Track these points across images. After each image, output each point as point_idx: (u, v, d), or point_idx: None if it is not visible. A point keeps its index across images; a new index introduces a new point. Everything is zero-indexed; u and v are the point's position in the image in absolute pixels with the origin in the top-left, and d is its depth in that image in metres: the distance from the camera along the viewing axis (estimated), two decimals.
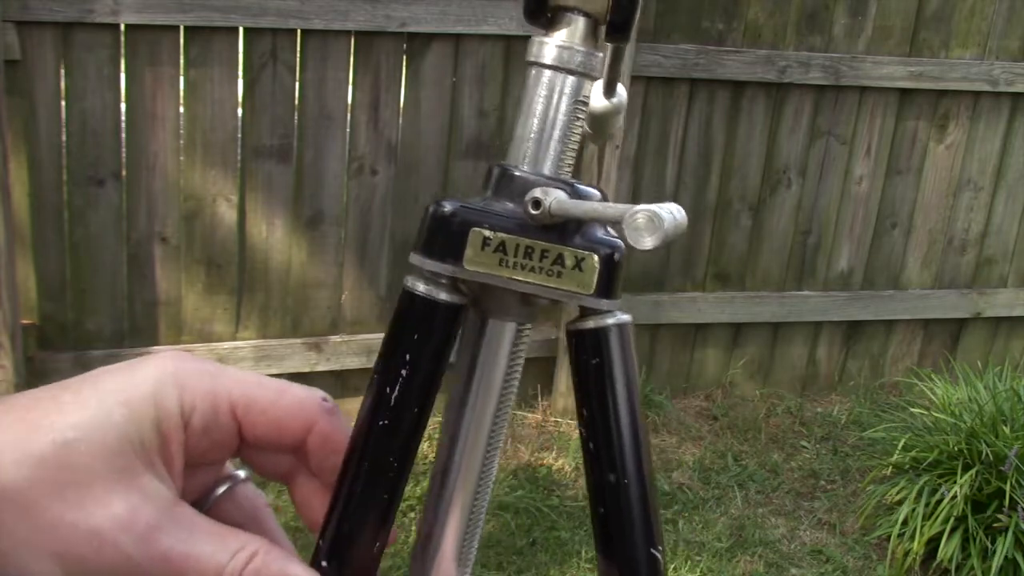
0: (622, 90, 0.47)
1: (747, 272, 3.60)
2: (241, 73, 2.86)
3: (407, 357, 0.41)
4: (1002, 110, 3.66)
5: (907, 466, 2.90)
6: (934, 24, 3.49)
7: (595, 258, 0.42)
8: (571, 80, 0.43)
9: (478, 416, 0.44)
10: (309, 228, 3.04)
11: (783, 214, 3.57)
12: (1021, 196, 3.79)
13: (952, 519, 2.66)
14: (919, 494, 2.75)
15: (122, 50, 2.72)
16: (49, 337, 2.86)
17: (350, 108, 3.01)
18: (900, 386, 3.74)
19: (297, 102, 2.93)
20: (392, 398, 0.41)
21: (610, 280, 0.42)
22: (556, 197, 0.41)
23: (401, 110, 3.06)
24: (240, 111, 2.90)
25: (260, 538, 0.40)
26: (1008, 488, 2.61)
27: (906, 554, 2.72)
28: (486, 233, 0.41)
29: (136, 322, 2.95)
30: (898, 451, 2.91)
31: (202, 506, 0.42)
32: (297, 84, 2.91)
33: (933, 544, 2.70)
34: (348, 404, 2.86)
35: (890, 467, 3.01)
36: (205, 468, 0.42)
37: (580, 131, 0.44)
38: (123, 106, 2.78)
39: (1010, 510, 2.61)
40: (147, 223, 2.88)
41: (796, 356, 3.77)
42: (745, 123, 3.43)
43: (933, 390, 3.12)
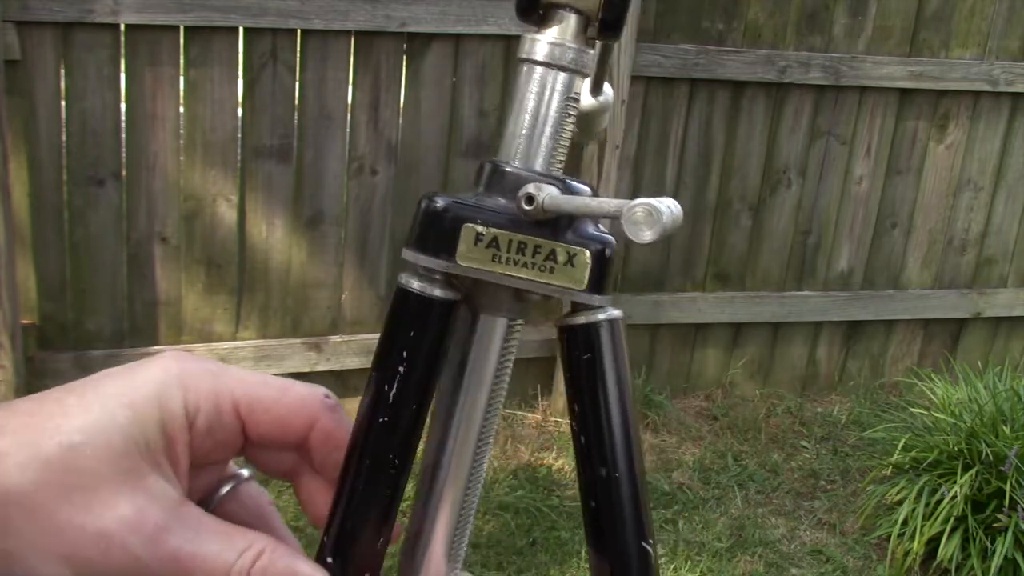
0: (608, 89, 0.48)
1: (747, 272, 3.60)
2: (241, 73, 2.86)
3: (404, 354, 0.41)
4: (1002, 110, 3.66)
5: (907, 466, 2.90)
6: (934, 24, 3.50)
7: (587, 254, 0.42)
8: (562, 77, 0.43)
9: (468, 412, 0.44)
10: (309, 228, 3.04)
11: (783, 214, 3.57)
12: (1021, 196, 3.80)
13: (952, 519, 2.66)
14: (919, 494, 2.75)
15: (122, 50, 2.72)
16: (49, 337, 2.86)
17: (350, 108, 3.01)
18: (900, 386, 3.74)
19: (297, 102, 2.93)
20: (391, 395, 0.41)
21: (601, 276, 0.42)
22: (549, 193, 0.41)
23: (401, 110, 3.06)
24: (240, 111, 2.90)
25: (266, 536, 0.40)
26: (1008, 488, 2.61)
27: (906, 554, 2.72)
28: (479, 229, 0.41)
29: (136, 322, 2.95)
30: (898, 451, 2.91)
31: (207, 505, 0.42)
32: (297, 84, 2.92)
33: (933, 544, 2.70)
34: (349, 404, 2.85)
35: (890, 467, 3.01)
36: (209, 468, 0.42)
37: (572, 127, 0.44)
38: (123, 106, 2.78)
39: (1010, 510, 2.61)
40: (147, 223, 2.88)
41: (796, 356, 3.77)
42: (745, 123, 3.43)
43: (933, 390, 3.12)
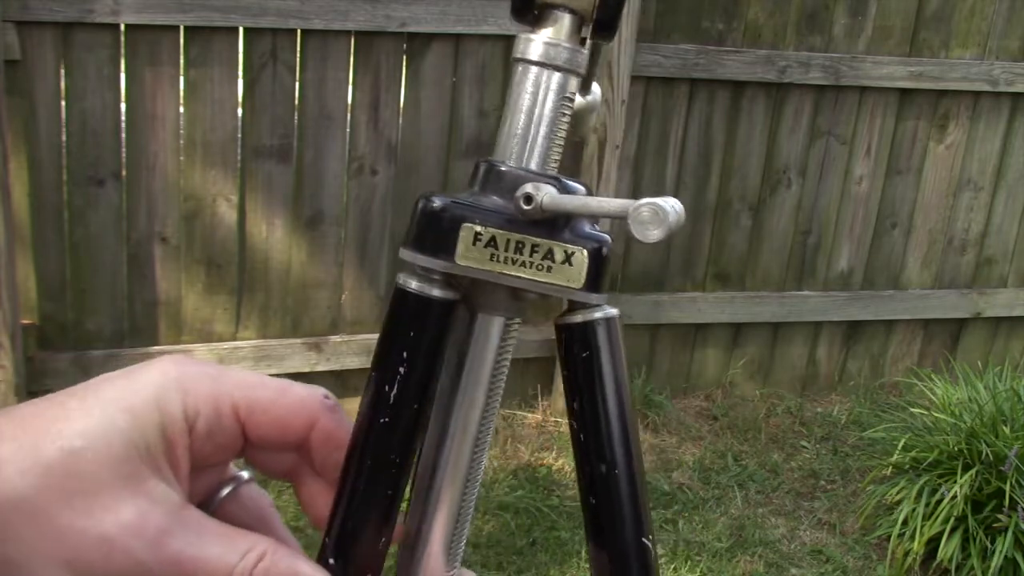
0: (597, 88, 0.48)
1: (747, 272, 3.60)
2: (241, 73, 2.86)
3: (404, 354, 0.41)
4: (1002, 110, 3.66)
5: (907, 466, 2.91)
6: (934, 24, 3.50)
7: (584, 252, 0.42)
8: (557, 77, 0.44)
9: (466, 411, 0.45)
10: (309, 228, 3.04)
11: (783, 214, 3.57)
12: (1021, 196, 3.80)
13: (952, 519, 2.66)
14: (919, 494, 2.75)
15: (122, 50, 2.72)
16: (49, 337, 2.86)
17: (350, 108, 3.01)
18: (900, 386, 3.75)
19: (297, 102, 2.93)
20: (391, 396, 0.41)
21: (598, 274, 0.42)
22: (548, 192, 0.41)
23: (401, 110, 3.06)
24: (240, 111, 2.90)
25: (268, 538, 0.40)
26: (1008, 488, 2.62)
27: (906, 554, 2.72)
28: (477, 228, 0.41)
29: (136, 322, 2.95)
30: (898, 451, 2.91)
31: (208, 508, 0.42)
32: (297, 84, 2.92)
33: (933, 544, 2.70)
34: (349, 404, 2.85)
35: (890, 467, 3.01)
36: (210, 470, 0.42)
37: (566, 127, 0.45)
38: (123, 106, 2.78)
39: (1010, 510, 2.61)
40: (147, 223, 2.88)
41: (796, 356, 3.77)
42: (745, 123, 3.43)
43: (933, 390, 3.12)
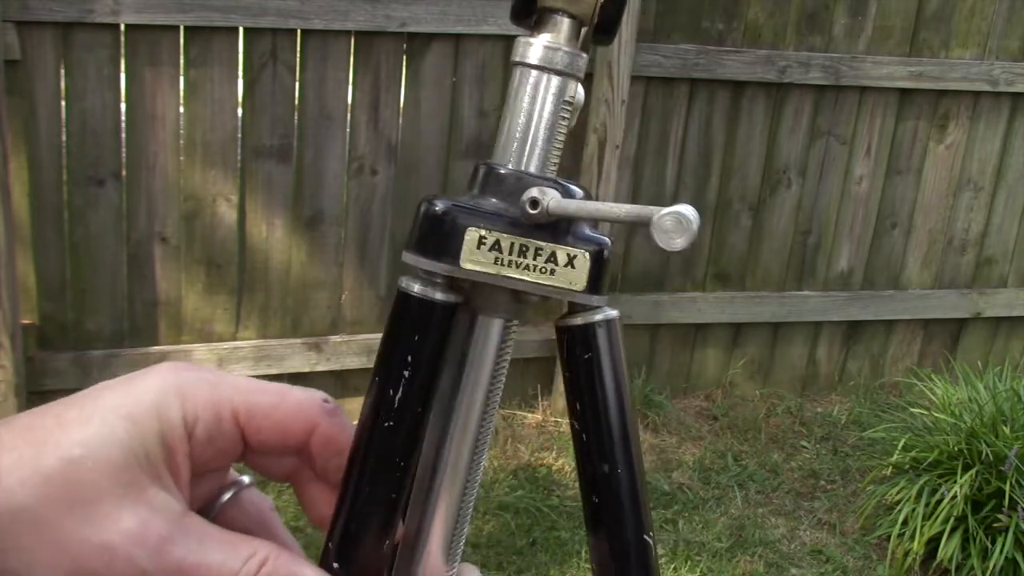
0: (580, 89, 0.48)
1: (747, 272, 3.60)
2: (241, 73, 2.86)
3: (408, 358, 0.42)
4: (1002, 110, 3.66)
5: (907, 466, 2.91)
6: (934, 24, 3.49)
7: (586, 255, 0.42)
8: (556, 80, 0.44)
9: (466, 412, 0.45)
10: (309, 228, 3.04)
11: (783, 214, 3.57)
12: (1021, 196, 3.80)
13: (952, 519, 2.66)
14: (919, 494, 2.76)
15: (122, 50, 2.72)
16: (49, 337, 2.86)
17: (350, 108, 3.01)
18: (900, 386, 3.75)
19: (297, 102, 2.93)
20: (395, 399, 0.41)
21: (599, 277, 0.43)
22: (553, 197, 0.41)
23: (401, 110, 3.06)
24: (240, 111, 2.90)
25: (269, 543, 0.40)
26: (1008, 488, 2.62)
27: (906, 554, 2.72)
28: (481, 232, 0.42)
29: (136, 322, 2.95)
30: (898, 451, 2.91)
31: (208, 513, 0.42)
32: (297, 84, 2.91)
33: (933, 544, 2.70)
34: (348, 404, 2.86)
35: (890, 467, 3.01)
36: (210, 475, 0.42)
37: (566, 131, 0.45)
38: (123, 106, 2.78)
39: (1010, 510, 2.61)
40: (147, 223, 2.88)
41: (796, 356, 3.77)
42: (745, 123, 3.43)
43: (933, 390, 3.12)
